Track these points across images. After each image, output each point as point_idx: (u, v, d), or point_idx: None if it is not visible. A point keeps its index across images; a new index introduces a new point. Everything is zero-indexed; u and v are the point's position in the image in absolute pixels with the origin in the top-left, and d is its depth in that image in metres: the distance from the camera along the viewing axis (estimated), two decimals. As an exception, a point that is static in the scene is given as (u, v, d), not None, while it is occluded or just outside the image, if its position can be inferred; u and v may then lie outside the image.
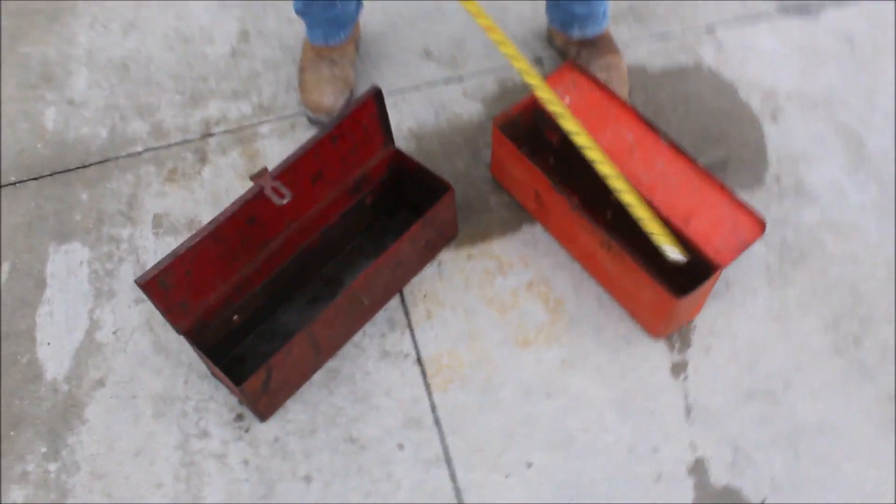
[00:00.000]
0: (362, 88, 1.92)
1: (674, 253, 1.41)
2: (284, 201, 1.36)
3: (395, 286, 1.60)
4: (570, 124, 1.46)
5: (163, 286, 1.34)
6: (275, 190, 1.38)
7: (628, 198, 1.43)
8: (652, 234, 1.42)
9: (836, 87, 1.91)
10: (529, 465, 1.44)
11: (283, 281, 1.57)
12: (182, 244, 1.35)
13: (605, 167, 1.45)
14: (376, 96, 1.50)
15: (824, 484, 1.41)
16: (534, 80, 1.47)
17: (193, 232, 1.67)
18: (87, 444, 1.48)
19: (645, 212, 1.42)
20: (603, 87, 1.63)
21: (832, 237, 1.68)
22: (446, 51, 1.97)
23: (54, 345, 1.59)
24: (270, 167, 1.77)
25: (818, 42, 2.00)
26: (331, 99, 1.81)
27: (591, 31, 1.81)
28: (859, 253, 1.66)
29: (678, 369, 1.53)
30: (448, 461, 1.44)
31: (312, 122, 1.85)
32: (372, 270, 1.47)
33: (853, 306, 1.59)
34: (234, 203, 1.38)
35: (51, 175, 1.81)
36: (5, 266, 1.68)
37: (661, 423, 1.48)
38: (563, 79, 1.65)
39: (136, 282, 1.30)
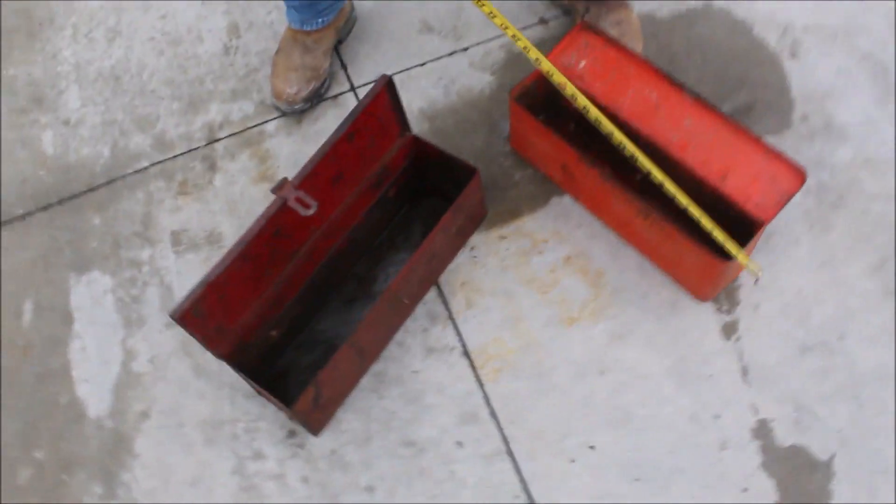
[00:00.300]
0: (365, 70, 1.85)
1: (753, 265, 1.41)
2: (311, 211, 1.31)
3: (430, 279, 1.56)
4: (607, 126, 1.43)
5: (198, 315, 1.30)
6: (299, 200, 1.33)
7: (681, 198, 1.40)
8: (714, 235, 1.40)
9: (854, 12, 1.83)
10: (592, 447, 1.41)
11: (316, 287, 1.52)
12: (212, 269, 1.30)
13: (646, 162, 1.41)
14: (388, 86, 1.43)
15: (892, 433, 1.39)
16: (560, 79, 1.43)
17: (214, 244, 1.65)
18: (141, 479, 1.45)
19: (696, 209, 1.39)
20: (619, 46, 1.56)
21: (869, 174, 1.63)
22: (446, 22, 1.89)
23: (92, 381, 1.55)
24: (282, 166, 1.74)
25: (829, -35, 1.92)
26: (293, 88, 1.75)
27: (600, -14, 1.74)
28: (897, 187, 1.61)
29: (729, 330, 1.50)
30: (510, 453, 1.42)
31: (275, 107, 1.79)
32: (407, 269, 1.42)
33: (899, 244, 1.56)
34: (258, 219, 1.33)
35: (59, 203, 1.75)
36: (28, 305, 1.63)
37: (718, 387, 1.45)
38: (575, 42, 1.58)
39: (171, 315, 1.26)
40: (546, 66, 1.45)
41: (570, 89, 1.43)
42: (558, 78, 1.45)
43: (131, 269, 1.65)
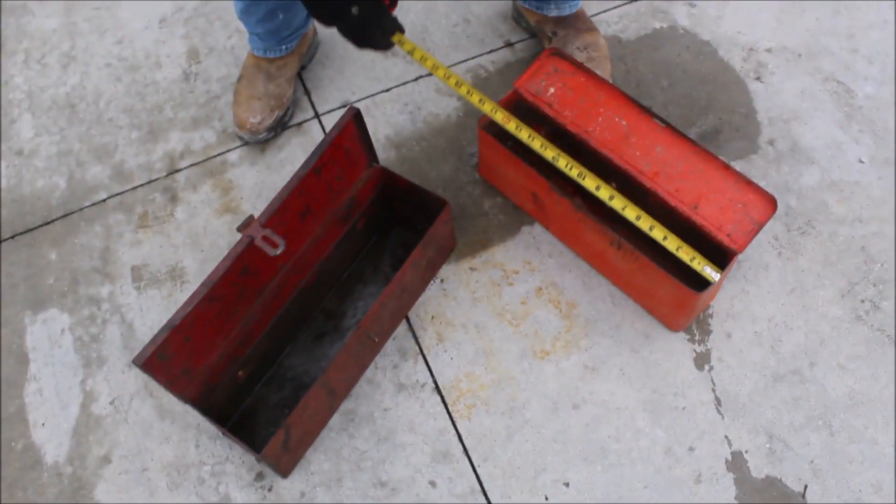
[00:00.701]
0: (329, 96, 1.82)
1: (712, 271, 1.38)
2: (278, 251, 1.28)
3: (401, 313, 1.53)
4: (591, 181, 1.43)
5: (163, 359, 1.26)
6: (266, 239, 1.29)
7: (655, 232, 1.40)
8: (691, 259, 1.39)
9: (815, 33, 1.85)
10: (567, 483, 1.40)
11: (284, 323, 1.49)
12: (177, 311, 1.25)
13: (592, 182, 1.41)
14: (355, 118, 1.41)
15: (864, 460, 1.39)
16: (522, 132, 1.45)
17: (177, 280, 1.61)
18: (104, 529, 1.40)
19: (673, 239, 1.38)
20: (588, 73, 1.55)
21: (835, 198, 1.64)
22: (411, 45, 1.87)
23: (49, 425, 1.49)
24: (245, 197, 1.70)
25: (790, -13, 1.93)
26: (257, 117, 1.71)
27: (568, 8, 1.73)
28: (864, 211, 1.62)
29: (702, 360, 1.49)
30: (484, 492, 1.39)
31: (238, 137, 1.75)
32: (378, 305, 1.39)
33: (866, 269, 1.56)
34: (224, 259, 1.29)
35: (12, 237, 1.68)
36: (-19, 345, 1.57)
37: (693, 419, 1.44)
38: (544, 68, 1.56)
39: (134, 361, 1.21)
40: (489, 106, 1.46)
41: (513, 124, 1.44)
42: (502, 117, 1.45)
43: (90, 306, 1.60)
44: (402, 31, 1.40)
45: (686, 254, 1.39)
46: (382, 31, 1.37)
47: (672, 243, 1.39)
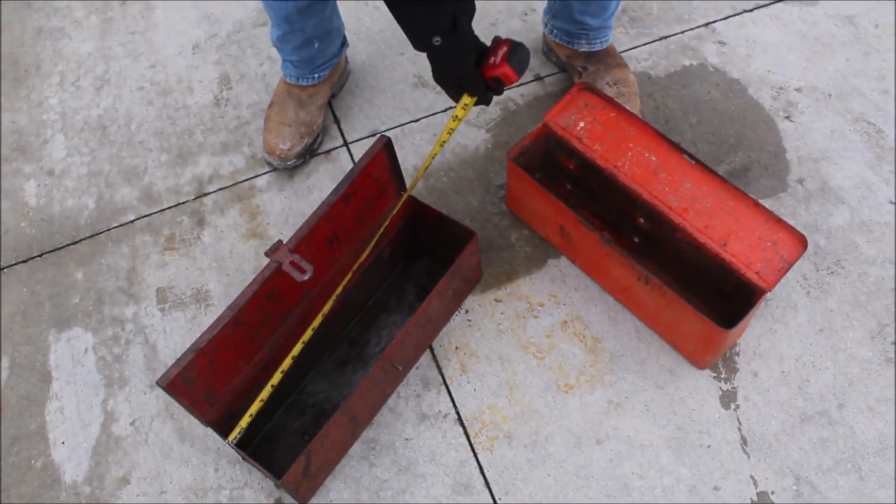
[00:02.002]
0: (358, 125, 1.83)
1: None
2: (306, 277, 1.28)
3: (424, 343, 1.52)
4: None
5: (186, 381, 1.25)
6: (294, 265, 1.29)
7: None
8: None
9: (845, 74, 1.85)
10: (590, 520, 1.38)
11: (307, 350, 1.48)
12: (203, 334, 1.25)
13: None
14: (386, 147, 1.41)
15: (895, 506, 1.36)
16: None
17: (201, 303, 1.60)
18: (120, 551, 1.39)
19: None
20: (618, 108, 1.55)
21: (865, 238, 1.62)
22: (440, 77, 1.88)
23: (69, 443, 1.49)
24: (272, 223, 1.71)
25: (820, 28, 1.93)
26: (287, 144, 1.72)
27: (599, 44, 1.73)
28: (894, 253, 1.60)
29: (728, 398, 1.47)
30: (505, 526, 1.37)
31: (267, 163, 1.76)
32: (403, 334, 1.38)
33: (897, 310, 1.54)
34: (251, 283, 1.29)
35: (40, 256, 1.70)
36: (4, 362, 1.58)
37: (717, 458, 1.42)
38: (574, 102, 1.57)
39: (158, 383, 1.21)
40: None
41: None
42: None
43: (114, 326, 1.60)
44: (481, 101, 1.36)
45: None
46: (459, 79, 1.32)
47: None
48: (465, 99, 1.36)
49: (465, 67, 1.30)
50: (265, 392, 1.35)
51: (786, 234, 1.40)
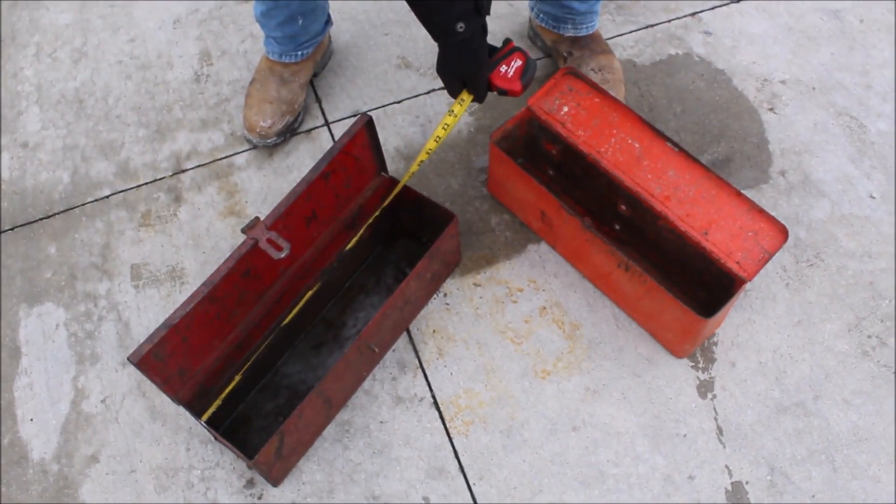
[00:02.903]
0: (340, 104, 1.81)
1: None
2: (283, 254, 1.26)
3: (402, 325, 1.51)
4: None
5: (158, 358, 1.23)
6: (271, 242, 1.27)
7: None
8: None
9: (829, 68, 1.85)
10: (564, 506, 1.37)
11: (283, 330, 1.46)
12: (176, 311, 1.23)
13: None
14: (367, 125, 1.39)
15: (866, 498, 1.36)
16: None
17: (176, 280, 1.58)
18: (87, 530, 1.37)
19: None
20: (602, 93, 1.54)
21: (845, 232, 1.62)
22: (424, 58, 1.86)
23: (38, 420, 1.46)
24: (250, 201, 1.68)
25: (806, 21, 1.93)
26: (268, 122, 1.70)
27: (585, 29, 1.72)
28: (874, 246, 1.60)
29: (705, 388, 1.47)
30: (479, 511, 1.37)
31: (246, 140, 1.74)
32: (379, 316, 1.37)
33: (874, 304, 1.54)
34: (227, 260, 1.27)
35: (12, 229, 1.66)
36: (-27, 336, 1.55)
37: (693, 447, 1.41)
38: (559, 86, 1.55)
39: (129, 358, 1.19)
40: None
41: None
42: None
43: (87, 302, 1.57)
44: (476, 100, 1.37)
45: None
46: (473, 74, 1.31)
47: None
48: (465, 95, 1.35)
49: (481, 61, 1.29)
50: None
51: (767, 224, 1.39)
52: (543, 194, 1.49)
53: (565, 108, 1.54)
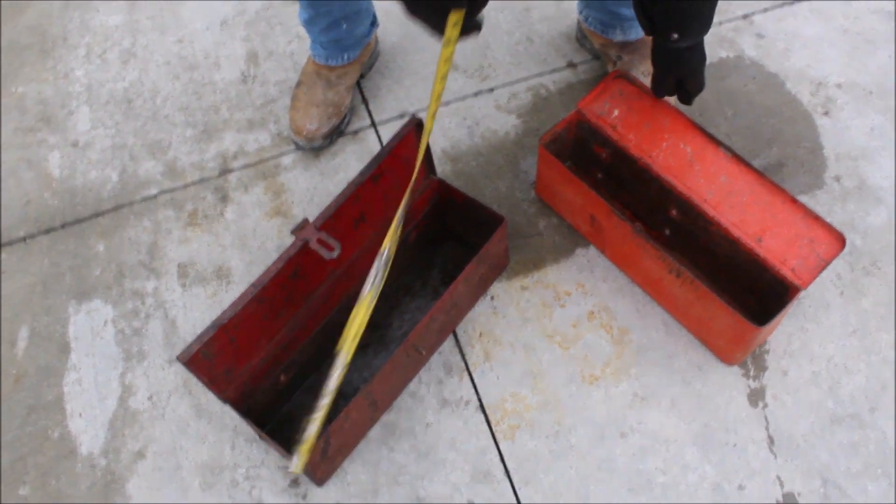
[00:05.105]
0: (387, 106, 1.80)
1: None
2: (334, 254, 1.26)
3: (448, 328, 1.50)
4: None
5: (206, 357, 1.23)
6: (321, 242, 1.27)
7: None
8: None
9: (887, 71, 1.80)
10: (611, 514, 1.35)
11: (329, 331, 1.46)
12: (225, 311, 1.23)
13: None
14: (417, 128, 1.38)
15: (926, 514, 1.33)
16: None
17: (222, 280, 1.59)
18: (133, 525, 1.38)
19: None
20: (654, 97, 1.51)
21: (902, 239, 1.58)
22: (472, 60, 1.85)
23: (86, 415, 1.48)
24: (297, 202, 1.68)
25: (863, 23, 1.88)
26: (314, 125, 1.69)
27: (634, 35, 1.70)
28: (932, 254, 1.56)
29: (756, 396, 1.44)
30: (524, 517, 1.35)
31: (293, 142, 1.74)
32: (427, 319, 1.36)
33: (933, 314, 1.50)
34: (277, 261, 1.27)
35: (62, 227, 1.68)
36: (24, 332, 1.56)
37: (744, 456, 1.38)
38: (609, 89, 1.53)
39: (178, 358, 1.19)
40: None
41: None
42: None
43: (134, 300, 1.59)
44: (470, 25, 1.20)
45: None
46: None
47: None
48: (453, 17, 1.18)
49: None
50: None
51: (823, 231, 1.36)
52: (593, 198, 1.47)
53: (616, 112, 1.52)
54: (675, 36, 1.31)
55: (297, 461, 1.18)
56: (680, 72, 1.42)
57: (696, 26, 1.31)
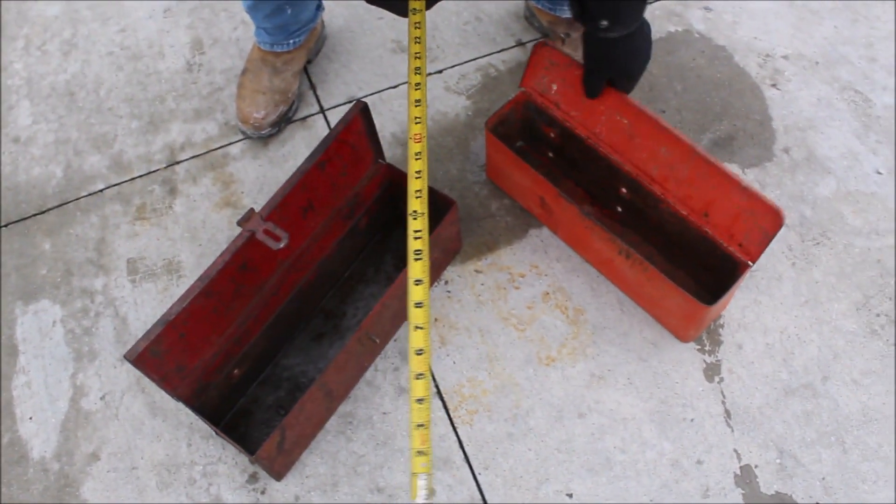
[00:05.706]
0: (335, 91, 1.78)
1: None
2: (282, 244, 1.23)
3: (403, 315, 1.48)
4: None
5: (155, 355, 1.21)
6: (268, 233, 1.25)
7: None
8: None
9: (833, 42, 1.81)
10: (570, 495, 1.35)
11: (282, 323, 1.44)
12: (172, 306, 1.21)
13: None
14: (362, 112, 1.36)
15: (877, 479, 1.35)
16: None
17: (173, 274, 1.56)
18: (89, 528, 1.36)
19: None
20: (580, 65, 1.48)
21: (851, 209, 1.59)
22: (420, 42, 1.83)
23: (37, 419, 1.45)
24: (246, 191, 1.66)
25: (808, -6, 1.89)
26: (261, 113, 1.67)
27: (582, 10, 1.68)
28: (881, 223, 1.58)
29: (712, 371, 1.45)
30: (484, 501, 1.34)
31: (240, 131, 1.71)
32: (380, 306, 1.35)
33: (882, 282, 1.52)
34: (223, 253, 1.25)
35: (6, 226, 1.64)
36: (-30, 335, 1.53)
37: (701, 431, 1.39)
38: (541, 62, 1.49)
39: (126, 356, 1.17)
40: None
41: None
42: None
43: (83, 298, 1.55)
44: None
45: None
46: None
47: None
48: None
49: None
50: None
51: (762, 206, 1.35)
52: (541, 181, 1.46)
53: (554, 87, 1.49)
54: (605, 23, 1.22)
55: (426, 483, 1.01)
56: (610, 68, 1.35)
57: (627, 11, 1.22)
